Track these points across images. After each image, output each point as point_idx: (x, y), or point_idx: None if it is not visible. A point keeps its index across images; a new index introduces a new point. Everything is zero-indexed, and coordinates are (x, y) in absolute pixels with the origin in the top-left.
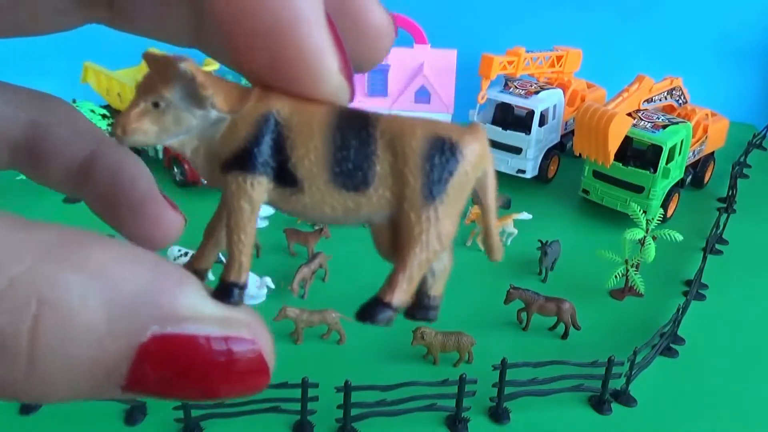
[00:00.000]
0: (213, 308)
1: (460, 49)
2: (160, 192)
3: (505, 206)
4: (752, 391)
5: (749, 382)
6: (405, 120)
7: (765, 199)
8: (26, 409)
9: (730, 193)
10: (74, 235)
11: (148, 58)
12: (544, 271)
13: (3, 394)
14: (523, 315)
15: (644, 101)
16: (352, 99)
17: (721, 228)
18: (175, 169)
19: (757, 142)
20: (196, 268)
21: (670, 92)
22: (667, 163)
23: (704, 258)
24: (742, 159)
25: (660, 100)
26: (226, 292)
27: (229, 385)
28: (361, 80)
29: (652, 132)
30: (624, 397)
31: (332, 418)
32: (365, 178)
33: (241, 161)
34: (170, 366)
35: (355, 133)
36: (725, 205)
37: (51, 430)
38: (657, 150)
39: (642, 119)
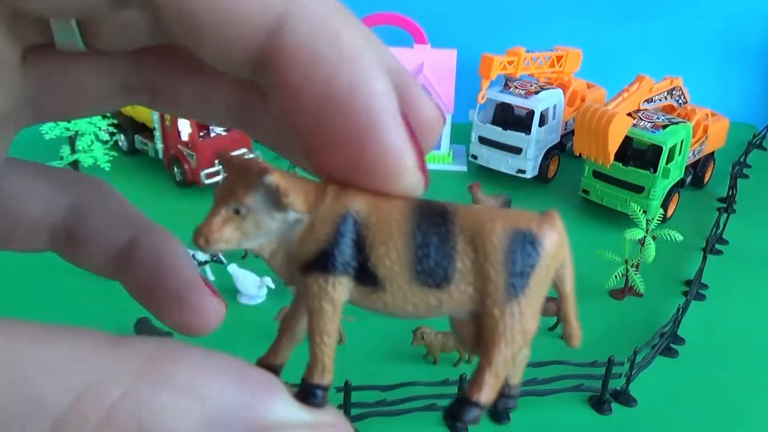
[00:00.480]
0: (302, 414)
1: (460, 49)
2: (202, 279)
3: (505, 206)
4: (752, 391)
5: (749, 382)
6: (483, 213)
7: (765, 199)
8: None
9: (730, 193)
10: (159, 349)
11: (224, 160)
12: None
13: None
14: None
15: (644, 101)
16: (426, 190)
17: (721, 228)
18: (175, 169)
19: (757, 142)
20: (272, 363)
21: (670, 92)
22: (667, 163)
23: (704, 258)
24: (742, 159)
25: (660, 100)
26: (309, 394)
27: None
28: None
29: (652, 132)
30: (624, 397)
31: None
32: (446, 274)
33: (322, 262)
34: None
35: (434, 229)
36: (725, 205)
37: None
38: (657, 150)
39: (642, 119)
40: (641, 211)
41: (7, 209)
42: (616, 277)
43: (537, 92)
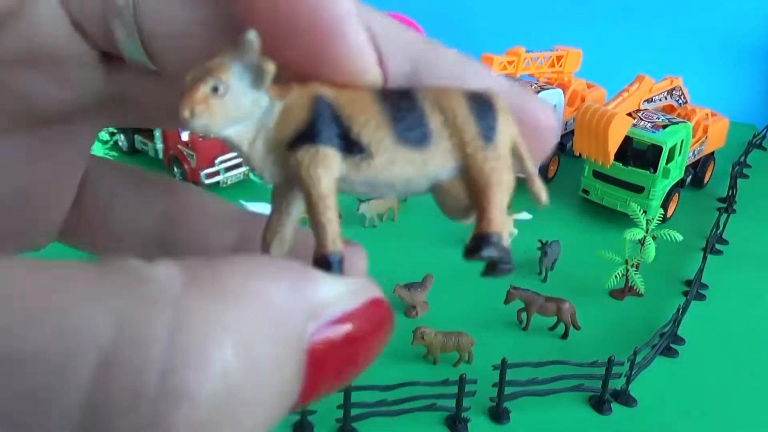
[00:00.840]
0: (341, 286)
1: (460, 49)
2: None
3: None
4: (752, 391)
5: (749, 382)
6: (436, 85)
7: (765, 199)
8: None
9: (730, 193)
10: (197, 265)
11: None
12: (544, 271)
13: None
14: (523, 315)
15: (644, 101)
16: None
17: (721, 228)
18: (175, 169)
19: (757, 142)
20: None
21: (670, 92)
22: (667, 163)
23: (704, 258)
24: (742, 159)
25: (660, 100)
26: (329, 265)
27: (380, 345)
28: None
29: (652, 132)
30: (624, 397)
31: (332, 418)
32: (424, 134)
33: (307, 135)
34: (340, 351)
35: (399, 101)
36: (725, 205)
37: None
38: (657, 150)
39: (642, 119)
40: (641, 211)
41: (91, 212)
42: (616, 277)
43: (537, 92)
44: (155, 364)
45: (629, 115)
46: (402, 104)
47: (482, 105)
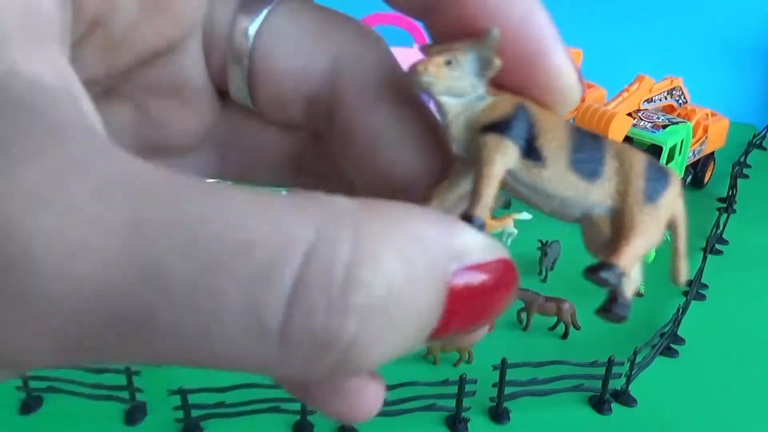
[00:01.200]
0: (483, 238)
1: None
2: None
3: (505, 206)
4: (752, 391)
5: (749, 382)
6: (627, 146)
7: (765, 199)
8: (26, 409)
9: (730, 193)
10: (365, 202)
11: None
12: (544, 271)
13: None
14: (523, 315)
15: (644, 101)
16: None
17: (721, 228)
18: None
19: (757, 142)
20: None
21: (670, 92)
22: (667, 163)
23: (704, 258)
24: (742, 159)
25: (660, 100)
26: (471, 223)
27: (505, 302)
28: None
29: (652, 132)
30: (624, 397)
31: (332, 417)
32: (597, 170)
33: (501, 128)
34: (473, 296)
35: (587, 138)
36: (725, 205)
37: (51, 430)
38: (657, 150)
39: (642, 119)
40: None
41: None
42: None
43: None
44: (343, 259)
45: (629, 115)
46: (587, 141)
47: (659, 172)
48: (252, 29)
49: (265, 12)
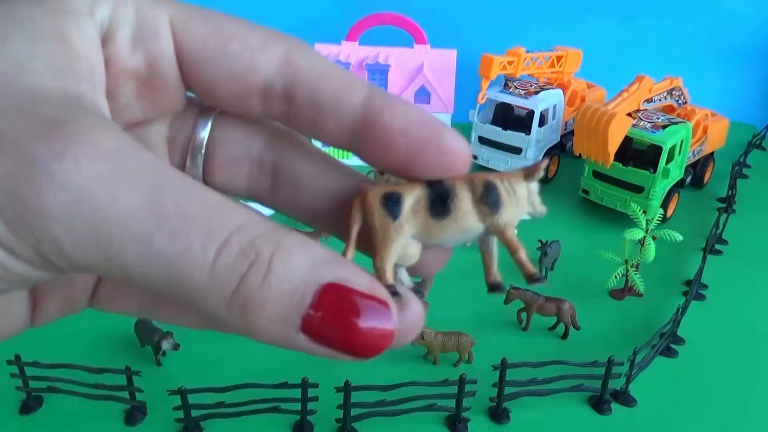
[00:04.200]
0: (372, 280)
1: (460, 49)
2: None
3: None
4: (752, 391)
5: (749, 382)
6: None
7: (765, 199)
8: (26, 409)
9: (730, 193)
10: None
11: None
12: (544, 271)
13: (240, 303)
14: (523, 315)
15: (644, 101)
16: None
17: (721, 228)
18: None
19: (757, 142)
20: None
21: (670, 92)
22: (667, 163)
23: (704, 258)
24: (742, 159)
25: (660, 100)
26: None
27: (377, 338)
28: (360, 75)
29: (652, 132)
30: (624, 397)
31: (332, 418)
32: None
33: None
34: (339, 305)
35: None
36: (725, 205)
37: (51, 430)
38: (657, 150)
39: (642, 119)
40: (641, 211)
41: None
42: (616, 277)
43: (537, 92)
44: (258, 242)
45: (629, 115)
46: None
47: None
48: (204, 132)
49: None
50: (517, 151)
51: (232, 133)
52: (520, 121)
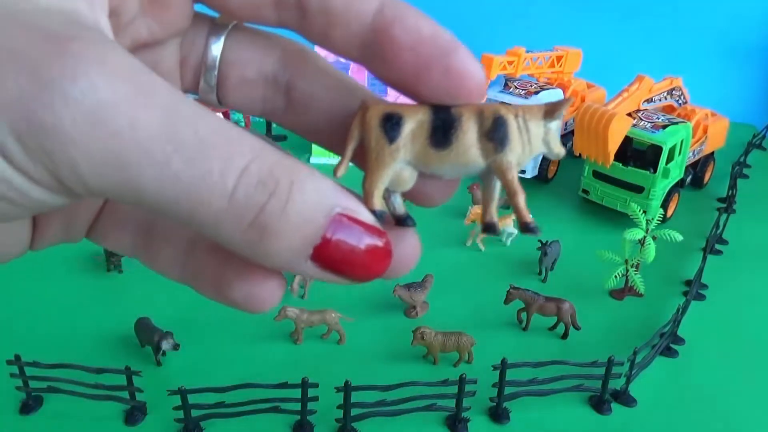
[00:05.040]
0: (369, 214)
1: None
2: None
3: (505, 207)
4: (752, 391)
5: (749, 382)
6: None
7: (765, 199)
8: (26, 409)
9: (730, 193)
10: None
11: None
12: (544, 271)
13: (262, 226)
14: (523, 315)
15: (644, 101)
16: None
17: (721, 228)
18: None
19: (757, 142)
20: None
21: (670, 92)
22: (667, 163)
23: (704, 258)
24: (742, 159)
25: (660, 100)
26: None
27: (376, 265)
28: (361, 80)
29: (652, 132)
30: (624, 397)
31: (332, 418)
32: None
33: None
34: (348, 235)
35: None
36: (725, 205)
37: (51, 430)
38: (657, 150)
39: (642, 119)
40: (641, 211)
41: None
42: (616, 277)
43: (537, 92)
44: (276, 174)
45: (629, 115)
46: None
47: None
48: (217, 49)
49: (225, 33)
50: None
51: (245, 52)
52: None
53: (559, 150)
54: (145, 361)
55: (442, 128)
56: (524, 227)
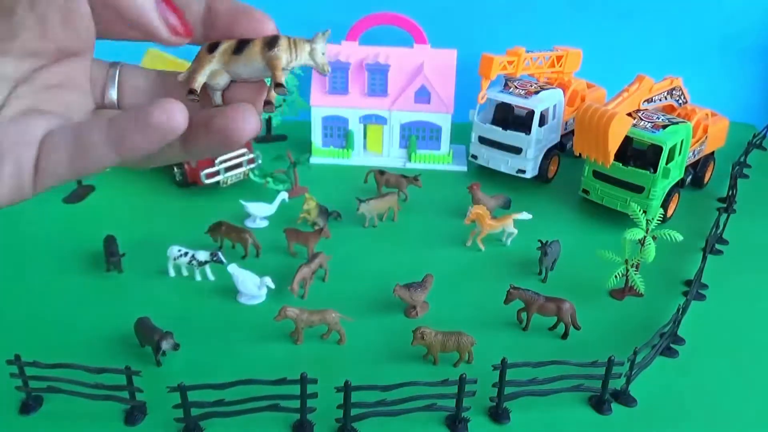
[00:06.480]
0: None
1: (460, 49)
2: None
3: (505, 206)
4: (752, 391)
5: (749, 381)
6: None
7: (765, 199)
8: (26, 409)
9: (730, 193)
10: None
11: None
12: (544, 271)
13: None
14: (523, 315)
15: (644, 101)
16: (175, 37)
17: (721, 228)
18: (175, 170)
19: (757, 142)
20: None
21: (670, 92)
22: (667, 163)
23: (704, 258)
24: (742, 159)
25: (660, 100)
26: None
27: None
28: (361, 80)
29: (652, 132)
30: (624, 397)
31: (332, 417)
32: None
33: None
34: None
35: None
36: (725, 205)
37: (51, 430)
38: (657, 150)
39: (642, 119)
40: (641, 211)
41: None
42: (616, 277)
43: (537, 92)
44: None
45: (629, 115)
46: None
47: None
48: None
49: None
50: (517, 150)
51: (133, 78)
52: (520, 121)
53: (324, 64)
54: (145, 361)
55: (241, 45)
56: (275, 87)
